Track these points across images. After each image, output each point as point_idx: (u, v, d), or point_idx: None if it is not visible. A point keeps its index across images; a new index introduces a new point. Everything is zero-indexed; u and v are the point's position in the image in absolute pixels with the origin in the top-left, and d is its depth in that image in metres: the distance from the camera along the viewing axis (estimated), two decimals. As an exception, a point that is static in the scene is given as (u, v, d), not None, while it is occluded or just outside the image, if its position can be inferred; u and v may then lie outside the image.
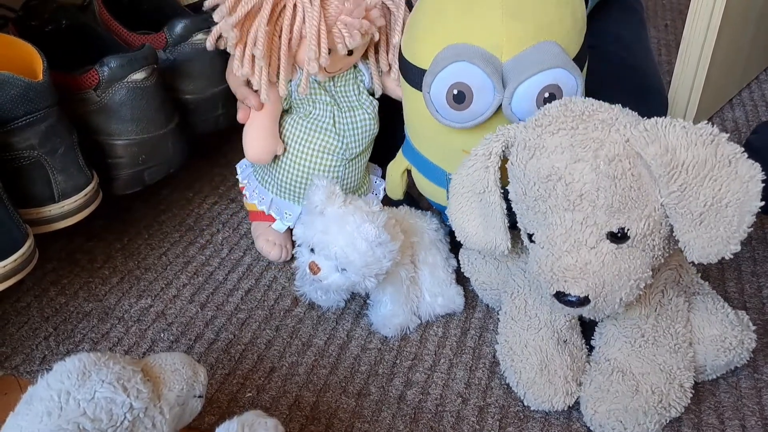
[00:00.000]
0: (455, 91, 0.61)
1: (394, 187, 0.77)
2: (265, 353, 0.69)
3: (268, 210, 0.78)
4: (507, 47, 0.60)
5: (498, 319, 0.69)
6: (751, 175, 0.51)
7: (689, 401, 0.60)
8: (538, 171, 0.55)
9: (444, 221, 0.77)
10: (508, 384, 0.65)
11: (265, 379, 0.66)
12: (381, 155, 0.81)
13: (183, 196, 0.91)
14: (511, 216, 0.61)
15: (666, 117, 0.54)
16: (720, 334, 0.61)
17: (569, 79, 0.60)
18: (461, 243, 0.65)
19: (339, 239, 0.62)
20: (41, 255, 0.68)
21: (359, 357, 0.69)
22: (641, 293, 0.57)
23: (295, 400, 0.65)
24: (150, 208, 0.89)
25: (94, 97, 0.72)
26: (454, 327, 0.72)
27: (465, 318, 0.73)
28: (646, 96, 0.81)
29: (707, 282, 0.67)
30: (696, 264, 0.65)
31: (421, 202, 0.83)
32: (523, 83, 0.59)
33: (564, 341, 0.63)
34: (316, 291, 0.71)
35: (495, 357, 0.68)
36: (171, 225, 0.86)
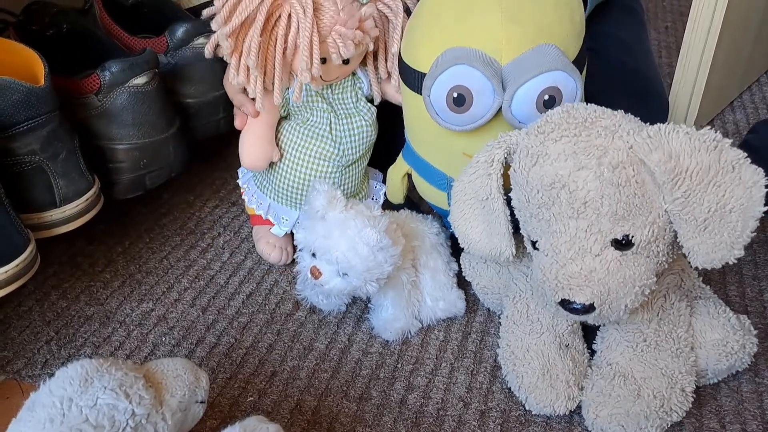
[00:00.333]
0: (455, 94, 0.61)
1: (394, 191, 0.77)
2: (267, 357, 0.69)
3: (265, 215, 0.78)
4: (506, 50, 0.60)
5: (499, 323, 0.69)
6: (755, 181, 0.51)
7: (691, 405, 0.60)
8: (541, 178, 0.55)
9: (445, 225, 0.77)
10: (509, 388, 0.65)
11: (267, 383, 0.66)
12: (381, 160, 0.81)
13: (184, 199, 0.91)
14: (514, 221, 0.61)
15: (669, 123, 0.54)
16: (722, 338, 0.61)
17: (569, 82, 0.60)
18: (465, 249, 0.65)
19: (340, 244, 0.62)
20: (42, 259, 0.68)
21: (360, 361, 0.69)
22: (645, 299, 0.57)
23: (297, 404, 0.65)
24: (151, 212, 0.89)
25: (95, 102, 0.72)
26: (455, 331, 0.72)
27: (466, 322, 0.73)
28: (646, 99, 0.81)
29: (709, 286, 0.67)
30: (698, 268, 0.66)
31: (422, 205, 0.83)
32: (523, 86, 0.59)
33: (566, 345, 0.63)
34: (317, 295, 0.71)
35: (496, 361, 0.68)
36: (172, 229, 0.86)
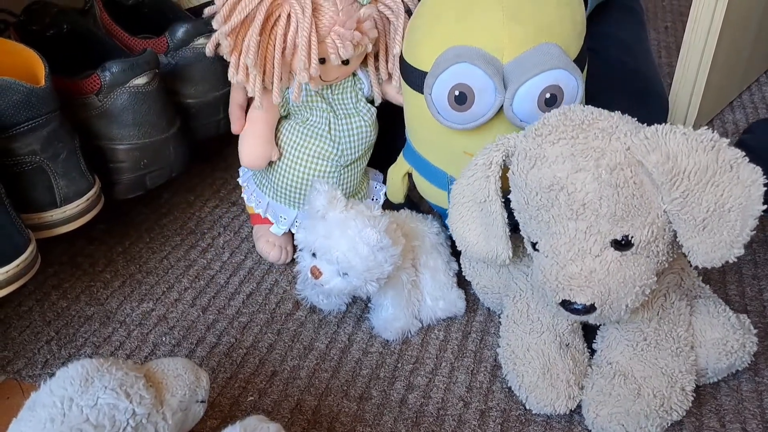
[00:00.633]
0: (457, 92, 0.61)
1: (395, 191, 0.77)
2: (267, 357, 0.69)
3: (264, 213, 0.78)
4: (508, 49, 0.61)
5: (499, 323, 0.69)
6: (753, 180, 0.52)
7: (690, 404, 0.60)
8: (539, 181, 0.55)
9: (445, 225, 0.77)
10: (509, 387, 0.65)
11: (267, 383, 0.67)
12: (382, 160, 0.81)
13: (184, 199, 0.91)
14: (512, 221, 0.61)
15: (666, 124, 0.54)
16: (722, 337, 0.61)
17: (570, 80, 0.60)
18: (462, 252, 0.65)
19: (341, 244, 0.63)
20: (43, 259, 0.68)
21: (361, 360, 0.69)
22: (645, 299, 0.57)
23: (297, 403, 0.65)
24: (151, 212, 0.89)
25: (95, 102, 0.72)
26: (455, 330, 0.72)
27: (466, 321, 0.73)
28: (646, 99, 0.81)
29: (708, 285, 0.67)
30: (698, 267, 0.66)
31: (422, 205, 0.83)
32: (525, 84, 0.59)
33: (566, 345, 0.63)
34: (317, 295, 0.72)
35: (496, 360, 0.68)
36: (172, 229, 0.86)
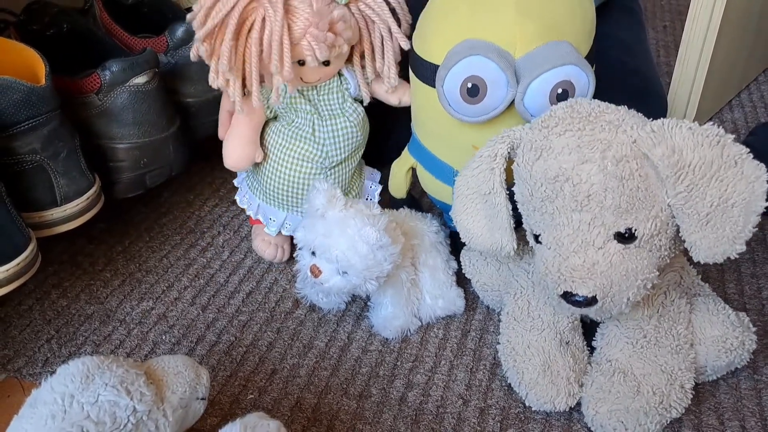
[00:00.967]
0: (469, 85, 0.61)
1: (398, 185, 0.78)
2: (267, 355, 0.69)
3: (255, 215, 0.78)
4: (520, 45, 0.61)
5: (498, 321, 0.69)
6: (757, 176, 0.52)
7: (690, 402, 0.61)
8: (545, 172, 0.55)
9: (445, 223, 0.77)
10: (508, 385, 0.65)
11: (267, 381, 0.67)
12: (374, 158, 0.81)
13: (184, 199, 0.91)
14: (516, 216, 0.61)
15: (672, 118, 0.54)
16: (721, 335, 0.61)
17: (581, 76, 0.61)
18: (465, 244, 0.65)
19: (340, 242, 0.63)
20: (43, 258, 0.68)
21: (360, 359, 0.69)
22: (647, 293, 0.57)
23: (297, 401, 0.65)
24: (151, 211, 0.89)
25: (95, 101, 0.72)
26: (454, 329, 0.72)
27: (465, 320, 0.73)
28: (646, 99, 0.81)
29: (707, 284, 0.67)
30: (696, 265, 0.66)
31: (422, 202, 0.84)
32: (537, 79, 0.60)
33: (566, 342, 0.64)
34: (317, 293, 0.72)
35: (495, 358, 0.68)
36: (172, 228, 0.86)
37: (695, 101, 0.96)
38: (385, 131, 0.81)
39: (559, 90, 0.60)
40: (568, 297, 0.55)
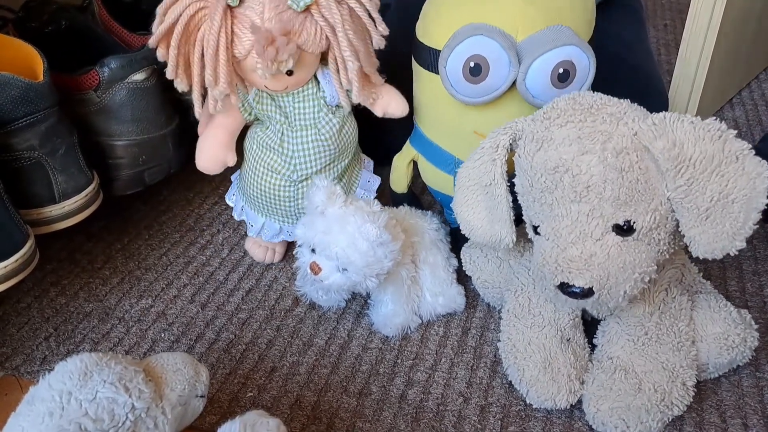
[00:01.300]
0: (472, 64, 0.62)
1: (399, 179, 0.77)
2: (266, 353, 0.69)
3: (238, 216, 0.78)
4: (522, 29, 0.62)
5: (499, 318, 0.69)
6: (759, 172, 0.52)
7: (691, 400, 0.60)
8: (545, 163, 0.55)
9: (446, 220, 0.77)
10: (509, 383, 0.65)
11: (266, 379, 0.66)
12: (377, 154, 0.81)
13: (183, 196, 0.91)
14: (516, 209, 0.61)
15: (674, 112, 0.54)
16: (723, 332, 0.61)
17: (582, 57, 0.62)
18: (466, 238, 0.65)
19: (340, 239, 0.62)
20: (41, 255, 0.68)
21: (360, 356, 0.69)
22: (646, 288, 0.57)
23: (297, 399, 0.64)
24: (150, 208, 0.89)
25: (94, 98, 0.72)
26: (455, 326, 0.72)
27: (466, 317, 0.73)
28: (646, 97, 0.81)
29: (709, 281, 0.67)
30: (698, 262, 0.66)
31: (423, 200, 0.83)
32: (538, 59, 0.61)
33: (567, 339, 0.63)
34: (317, 291, 0.71)
35: (496, 356, 0.68)
36: (171, 225, 0.86)
37: (696, 99, 0.96)
38: (385, 129, 0.80)
39: (561, 70, 0.61)
40: (564, 288, 0.55)
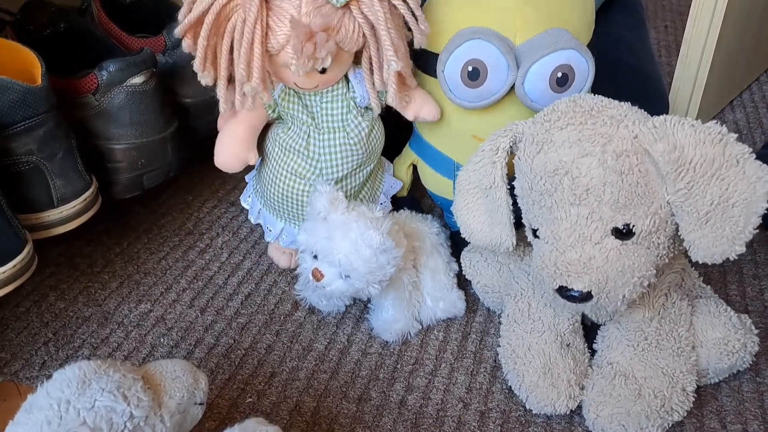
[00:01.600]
0: (470, 68, 0.62)
1: None
2: (266, 358, 0.69)
3: (255, 219, 0.76)
4: (521, 32, 0.62)
5: (499, 323, 0.69)
6: (759, 176, 0.51)
7: (692, 405, 0.60)
8: (545, 165, 0.55)
9: (446, 225, 0.77)
10: (509, 388, 0.65)
11: (266, 384, 0.66)
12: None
13: (182, 200, 0.91)
14: (516, 213, 0.61)
15: (674, 115, 0.54)
16: (723, 337, 0.61)
17: (581, 62, 0.62)
18: (466, 242, 0.65)
19: (343, 246, 0.62)
20: (40, 260, 0.67)
21: (360, 362, 0.68)
22: (645, 293, 0.57)
23: (296, 405, 0.64)
24: (149, 212, 0.88)
25: (92, 102, 0.72)
26: (455, 331, 0.71)
27: (466, 322, 0.72)
28: (647, 99, 0.81)
29: (709, 286, 0.67)
30: (697, 267, 0.65)
31: (423, 204, 0.83)
32: (537, 62, 0.61)
33: (567, 345, 0.63)
34: (318, 297, 0.71)
35: (496, 361, 0.68)
36: (170, 229, 0.86)
37: (697, 101, 0.95)
38: (385, 132, 0.80)
39: (559, 74, 0.61)
40: (563, 292, 0.55)
